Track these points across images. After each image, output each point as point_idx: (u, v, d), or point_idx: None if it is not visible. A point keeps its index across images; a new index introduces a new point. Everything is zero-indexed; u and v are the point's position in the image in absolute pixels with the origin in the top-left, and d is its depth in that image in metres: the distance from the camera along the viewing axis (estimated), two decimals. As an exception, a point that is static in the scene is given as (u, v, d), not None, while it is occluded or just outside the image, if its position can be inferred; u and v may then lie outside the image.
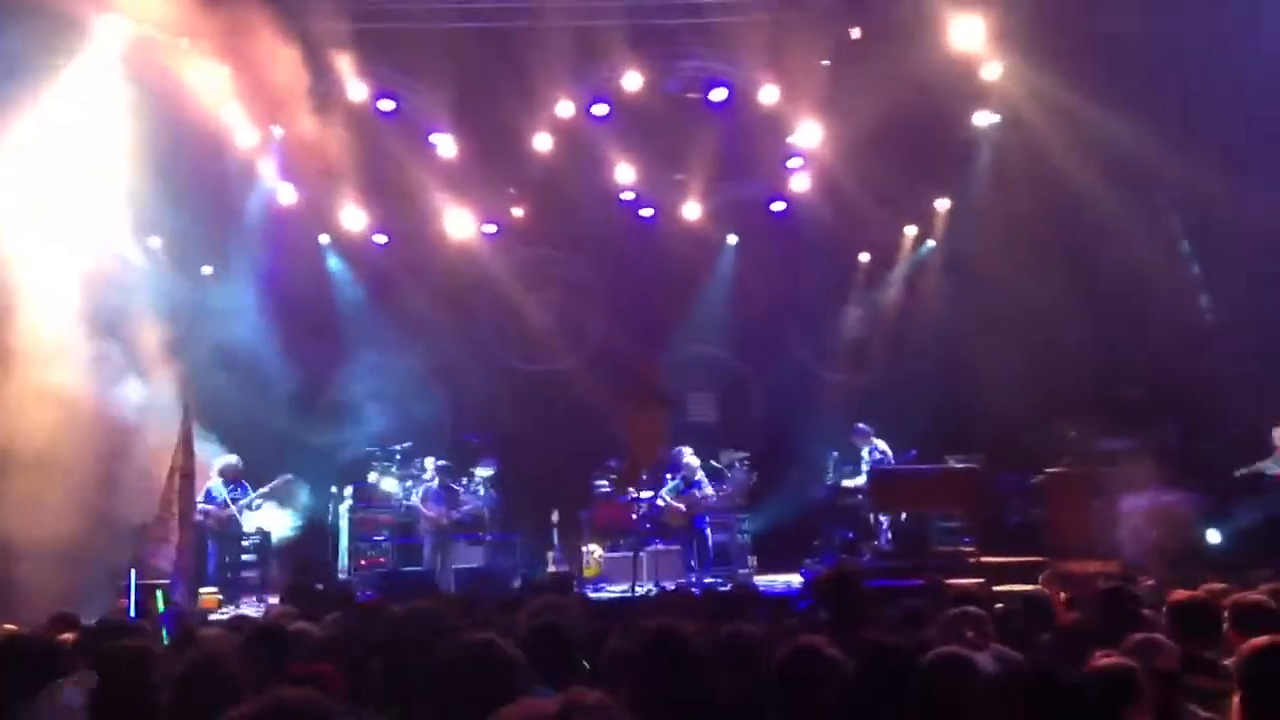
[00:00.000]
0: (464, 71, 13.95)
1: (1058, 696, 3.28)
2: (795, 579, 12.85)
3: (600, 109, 14.65)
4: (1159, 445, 12.84)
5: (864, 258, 16.68)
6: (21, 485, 10.52)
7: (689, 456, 14.22)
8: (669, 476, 14.27)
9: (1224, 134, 12.03)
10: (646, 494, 14.28)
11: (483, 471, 14.52)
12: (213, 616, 10.57)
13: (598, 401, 15.49)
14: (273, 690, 3.05)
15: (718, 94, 14.60)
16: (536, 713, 1.93)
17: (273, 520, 13.72)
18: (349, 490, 14.29)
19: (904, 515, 13.49)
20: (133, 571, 10.07)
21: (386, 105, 14.31)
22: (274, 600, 10.58)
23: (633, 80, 14.18)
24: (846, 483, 14.21)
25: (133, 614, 9.18)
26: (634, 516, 14.18)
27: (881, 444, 14.15)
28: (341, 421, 14.90)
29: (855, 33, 13.60)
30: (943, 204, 15.86)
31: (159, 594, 9.37)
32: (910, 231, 16.31)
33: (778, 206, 16.09)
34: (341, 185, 14.44)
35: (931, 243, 16.21)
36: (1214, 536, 11.64)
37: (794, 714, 3.70)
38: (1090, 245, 13.44)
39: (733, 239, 16.73)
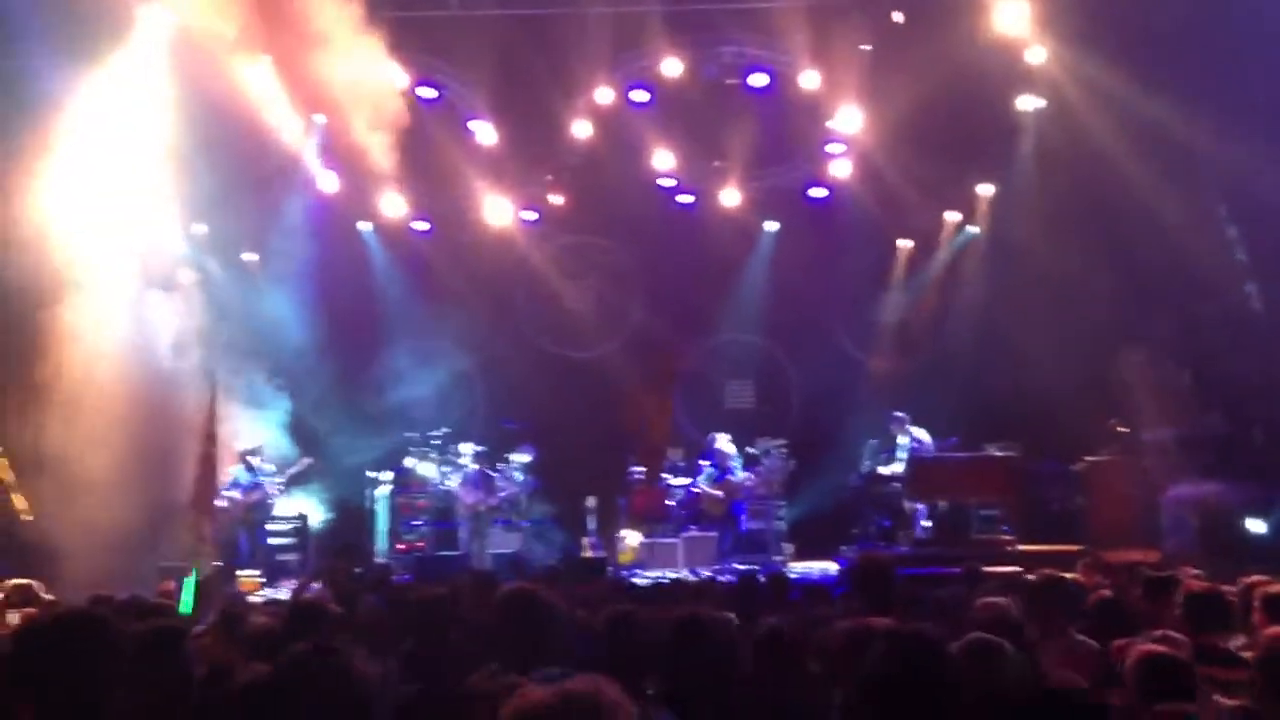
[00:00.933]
0: (504, 59, 13.99)
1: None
2: (832, 567, 12.81)
3: (640, 95, 14.63)
4: (1204, 434, 12.67)
5: (905, 244, 16.54)
6: (70, 469, 10.74)
7: (724, 443, 14.24)
8: (703, 464, 14.30)
9: (1272, 119, 11.80)
10: (682, 480, 14.34)
11: (520, 457, 14.59)
12: (252, 599, 10.74)
13: (635, 388, 15.53)
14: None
15: (757, 79, 14.52)
16: (533, 702, 1.94)
17: (308, 504, 13.89)
18: (387, 475, 14.43)
19: (942, 503, 13.39)
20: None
21: (427, 93, 14.37)
22: (315, 585, 10.70)
23: (672, 66, 14.15)
24: (884, 470, 14.12)
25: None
26: (670, 503, 14.25)
27: (919, 432, 14.05)
28: (379, 415, 15.06)
29: (897, 17, 13.46)
30: (985, 190, 15.68)
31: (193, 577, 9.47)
32: (952, 218, 16.14)
33: (818, 193, 15.98)
34: (382, 173, 14.53)
35: (973, 229, 16.03)
36: (1258, 527, 11.46)
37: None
38: (1135, 231, 13.22)
39: (772, 226, 16.65)
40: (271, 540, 13.47)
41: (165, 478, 11.34)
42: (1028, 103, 14.16)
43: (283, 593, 11.07)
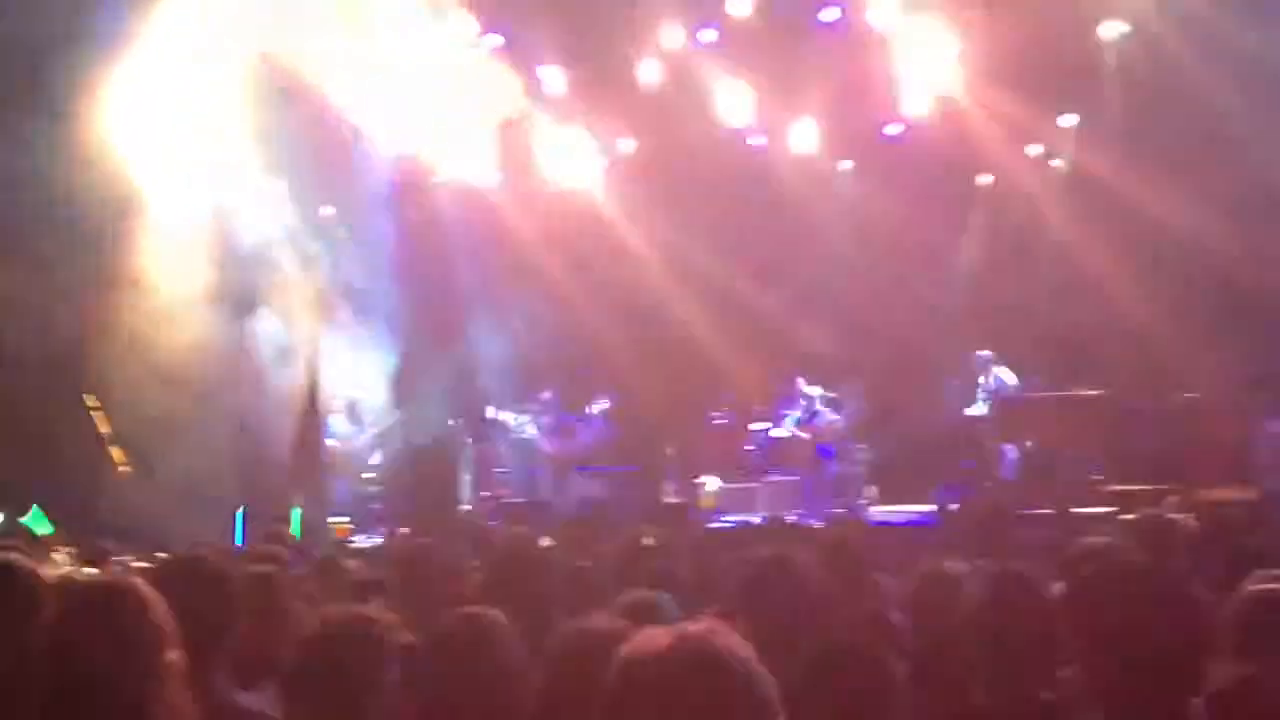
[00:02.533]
0: (570, 2, 13.88)
1: None
2: (916, 509, 12.69)
3: (708, 35, 14.42)
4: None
5: (985, 180, 16.12)
6: (157, 420, 10.96)
7: (806, 386, 14.16)
8: (785, 411, 14.25)
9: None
10: (762, 425, 14.31)
11: (598, 405, 14.67)
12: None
13: (712, 334, 15.47)
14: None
15: (829, 14, 14.23)
16: (651, 646, 1.90)
17: (395, 453, 14.21)
18: (470, 425, 14.64)
19: (1030, 444, 13.15)
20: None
21: (494, 40, 14.30)
22: (404, 530, 10.90)
23: (740, 4, 13.91)
24: (968, 411, 13.91)
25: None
26: (749, 448, 14.24)
27: (1004, 372, 13.77)
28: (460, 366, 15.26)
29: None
30: (1068, 121, 15.20)
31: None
32: (1034, 151, 15.68)
33: (894, 129, 15.64)
34: (451, 127, 14.50)
35: (1057, 162, 15.57)
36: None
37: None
38: (1227, 160, 12.77)
39: (847, 165, 16.33)
40: (362, 489, 13.83)
41: (261, 431, 11.57)
42: (1111, 29, 13.69)
43: (375, 539, 11.29)
